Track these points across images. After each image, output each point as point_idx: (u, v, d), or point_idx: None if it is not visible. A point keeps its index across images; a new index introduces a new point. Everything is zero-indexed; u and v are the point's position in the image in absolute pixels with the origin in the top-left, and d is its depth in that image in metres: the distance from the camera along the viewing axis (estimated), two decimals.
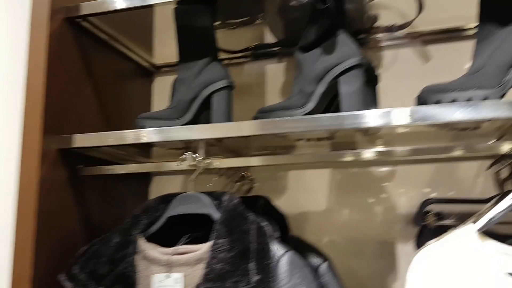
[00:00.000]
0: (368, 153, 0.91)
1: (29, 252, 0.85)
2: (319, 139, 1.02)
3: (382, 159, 1.09)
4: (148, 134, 0.87)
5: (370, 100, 0.89)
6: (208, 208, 0.83)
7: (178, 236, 0.88)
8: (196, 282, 0.79)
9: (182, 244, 0.83)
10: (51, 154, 0.92)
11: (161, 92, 1.33)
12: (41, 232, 0.88)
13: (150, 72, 1.32)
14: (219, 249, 0.75)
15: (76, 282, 0.81)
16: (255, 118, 0.89)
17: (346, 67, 0.84)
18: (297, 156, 1.02)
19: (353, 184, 1.13)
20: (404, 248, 1.06)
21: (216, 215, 0.83)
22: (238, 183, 1.09)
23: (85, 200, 1.01)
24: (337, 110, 0.86)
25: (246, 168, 1.11)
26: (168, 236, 0.88)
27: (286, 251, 0.74)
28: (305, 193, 1.16)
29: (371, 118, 0.76)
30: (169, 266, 0.82)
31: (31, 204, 0.87)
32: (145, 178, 1.27)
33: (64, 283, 0.82)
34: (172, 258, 0.82)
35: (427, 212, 0.94)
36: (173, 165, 1.00)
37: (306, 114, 0.85)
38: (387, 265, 1.07)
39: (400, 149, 0.90)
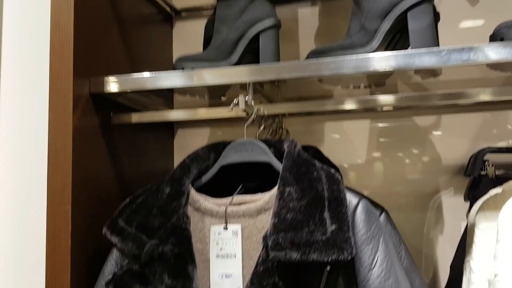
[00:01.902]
0: (411, 98, 0.86)
1: (66, 204, 0.77)
2: (366, 86, 0.96)
3: (425, 106, 1.04)
4: (202, 76, 0.78)
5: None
6: (267, 155, 0.77)
7: (228, 187, 0.81)
8: (256, 234, 0.74)
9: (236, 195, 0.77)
10: (83, 99, 0.83)
11: (181, 38, 1.23)
12: (76, 184, 0.79)
13: (170, 17, 1.22)
14: (288, 198, 0.69)
15: (123, 236, 0.74)
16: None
17: (415, 1, 0.76)
18: (339, 101, 0.94)
19: (395, 135, 1.07)
20: (448, 200, 1.03)
21: (276, 163, 0.76)
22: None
23: (115, 151, 0.93)
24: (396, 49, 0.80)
25: (282, 118, 1.04)
26: (217, 187, 0.81)
27: (360, 199, 0.69)
28: (344, 146, 1.10)
29: (446, 56, 0.70)
30: (225, 218, 0.76)
31: (65, 153, 0.79)
32: (169, 131, 1.19)
33: (111, 237, 0.75)
34: (229, 209, 0.75)
35: (485, 161, 0.90)
36: (203, 113, 0.92)
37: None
38: (430, 218, 1.03)
39: (447, 92, 0.85)
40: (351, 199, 0.69)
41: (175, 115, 0.96)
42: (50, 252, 0.78)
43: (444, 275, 1.01)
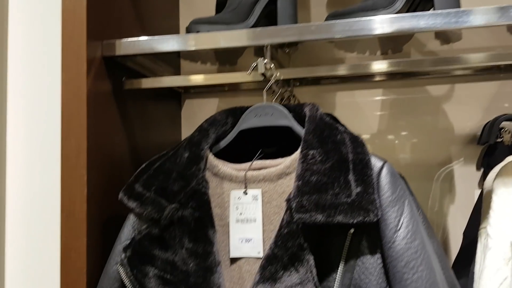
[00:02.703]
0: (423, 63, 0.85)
1: (81, 169, 0.76)
2: (383, 53, 0.95)
3: (439, 72, 1.03)
4: (219, 38, 0.76)
5: None
6: (288, 119, 0.75)
7: (245, 153, 0.80)
8: (276, 198, 0.73)
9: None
10: (96, 62, 0.81)
11: (187, 4, 1.20)
12: (91, 149, 0.78)
13: None
14: (311, 161, 0.68)
15: (142, 200, 0.73)
16: None
17: None
18: (354, 66, 0.92)
19: (407, 105, 1.06)
20: (459, 170, 1.03)
21: (297, 127, 0.75)
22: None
23: (127, 118, 0.91)
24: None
25: (293, 87, 1.02)
26: (234, 153, 0.80)
27: (385, 162, 0.68)
28: (355, 116, 1.09)
29: (479, 15, 0.68)
30: (244, 183, 0.75)
31: (80, 116, 0.77)
32: (177, 101, 1.17)
33: (128, 202, 0.73)
34: (249, 174, 0.74)
35: (501, 129, 0.90)
36: (219, 78, 0.90)
37: None
38: (441, 188, 1.03)
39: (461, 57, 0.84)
40: (375, 162, 0.68)
41: (188, 80, 0.93)
42: (65, 218, 0.76)
43: (454, 244, 1.02)
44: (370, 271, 0.65)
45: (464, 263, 0.88)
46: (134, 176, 0.77)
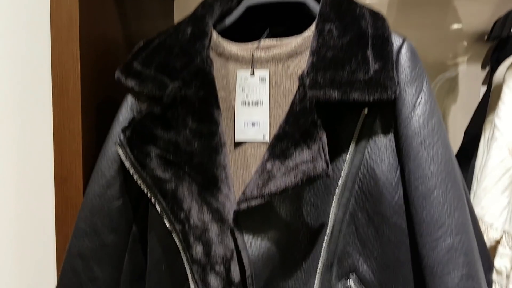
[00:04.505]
0: None
1: (74, 42, 0.70)
2: None
3: None
4: None
5: None
6: None
7: (251, 34, 0.75)
8: (285, 80, 0.69)
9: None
10: None
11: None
12: (84, 23, 0.71)
13: None
14: (328, 35, 0.63)
15: (141, 78, 0.67)
16: None
17: None
18: None
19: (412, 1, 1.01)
20: (465, 68, 1.00)
21: (311, 2, 0.69)
22: None
23: (121, 8, 0.83)
24: None
25: None
26: (239, 33, 0.74)
27: (404, 39, 0.64)
28: None
29: None
30: (251, 63, 0.70)
31: None
32: None
33: (126, 81, 0.68)
34: (256, 54, 0.70)
35: None
36: None
37: None
38: (445, 86, 1.01)
39: None
40: (395, 38, 0.64)
41: None
42: (57, 96, 0.71)
43: (454, 144, 1.01)
44: (382, 151, 0.63)
45: (464, 160, 0.88)
46: (131, 54, 0.71)
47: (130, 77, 0.68)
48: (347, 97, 0.60)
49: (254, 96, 0.70)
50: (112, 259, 0.72)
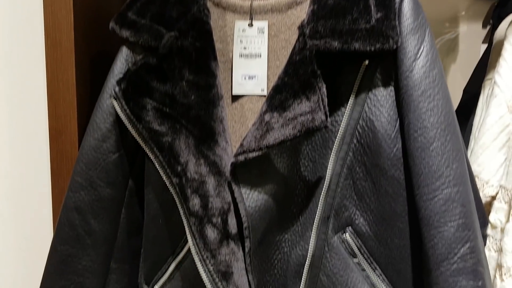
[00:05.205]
0: None
1: None
2: None
3: None
4: None
5: None
6: None
7: None
8: (285, 31, 0.67)
9: None
10: None
11: None
12: None
13: None
14: None
15: (137, 28, 0.66)
16: None
17: None
18: None
19: None
20: (465, 27, 0.99)
21: None
22: None
23: None
24: None
25: None
26: None
27: None
28: None
29: None
30: (250, 14, 0.68)
31: None
32: None
33: (121, 31, 0.66)
34: (255, 3, 0.68)
35: None
36: None
37: None
38: (444, 45, 1.00)
39: None
40: None
41: None
42: (50, 48, 0.69)
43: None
44: (381, 104, 0.63)
45: (462, 118, 0.87)
46: (126, 4, 0.69)
47: (125, 27, 0.67)
48: (348, 47, 0.58)
49: (252, 48, 0.68)
50: (108, 213, 0.71)
